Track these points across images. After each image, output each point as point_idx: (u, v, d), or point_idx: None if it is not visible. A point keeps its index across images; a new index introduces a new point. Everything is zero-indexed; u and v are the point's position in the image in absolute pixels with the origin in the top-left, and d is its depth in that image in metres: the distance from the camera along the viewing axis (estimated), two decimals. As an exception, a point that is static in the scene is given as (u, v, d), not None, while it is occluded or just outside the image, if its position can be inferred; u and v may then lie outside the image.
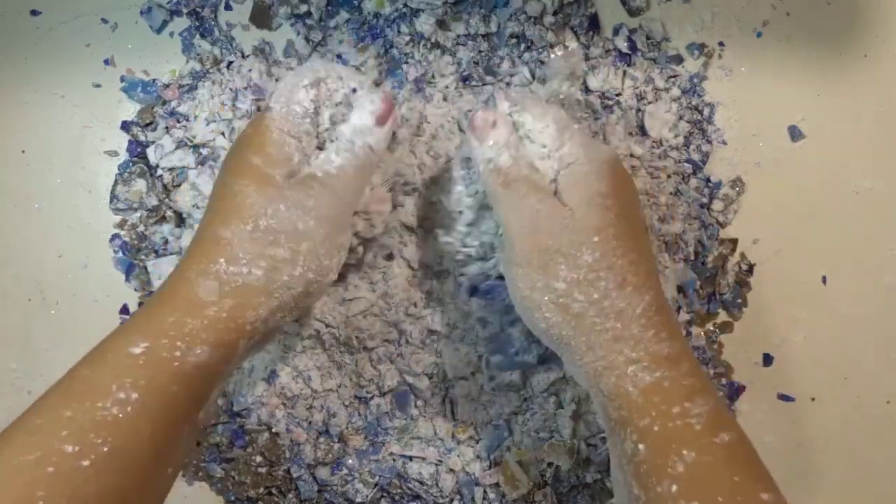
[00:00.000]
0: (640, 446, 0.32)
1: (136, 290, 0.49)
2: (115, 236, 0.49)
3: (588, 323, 0.34)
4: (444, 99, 0.48)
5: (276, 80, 0.49)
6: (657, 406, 0.32)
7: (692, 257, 0.49)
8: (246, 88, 0.49)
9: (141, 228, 0.49)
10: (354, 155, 0.38)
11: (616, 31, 0.50)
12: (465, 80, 0.49)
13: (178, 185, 0.49)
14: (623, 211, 0.36)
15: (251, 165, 0.36)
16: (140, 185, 0.49)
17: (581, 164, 0.37)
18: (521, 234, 0.36)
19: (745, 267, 0.50)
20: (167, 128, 0.49)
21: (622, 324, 0.34)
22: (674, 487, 0.31)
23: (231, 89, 0.49)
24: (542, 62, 0.49)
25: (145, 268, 0.48)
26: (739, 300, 0.49)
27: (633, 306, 0.34)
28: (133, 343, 0.32)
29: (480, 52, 0.49)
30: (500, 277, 0.43)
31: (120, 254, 0.49)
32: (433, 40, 0.49)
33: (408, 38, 0.49)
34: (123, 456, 0.30)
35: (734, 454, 0.32)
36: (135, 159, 0.50)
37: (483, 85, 0.49)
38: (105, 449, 0.30)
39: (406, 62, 0.49)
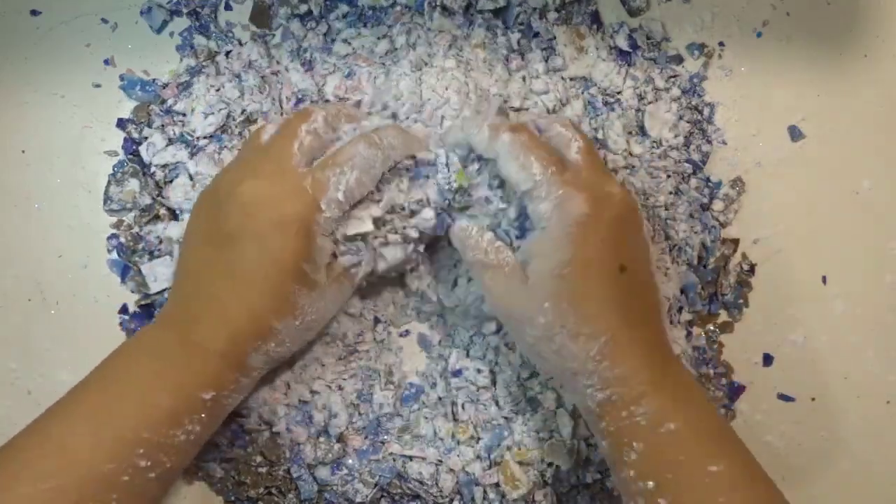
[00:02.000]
0: (604, 443, 0.40)
1: (132, 291, 0.49)
2: (112, 236, 0.49)
3: (552, 367, 0.40)
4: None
5: (278, 76, 0.49)
6: (609, 412, 0.39)
7: (695, 262, 0.49)
8: (247, 68, 0.49)
9: (136, 229, 0.49)
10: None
11: (616, 31, 0.50)
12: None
13: (171, 182, 0.49)
14: (584, 269, 0.38)
15: (302, 272, 0.39)
16: (133, 184, 0.49)
17: (548, 232, 0.39)
18: (491, 304, 0.42)
19: (746, 267, 0.50)
20: (162, 125, 0.49)
21: (577, 364, 0.39)
22: (631, 472, 0.38)
23: (232, 73, 0.49)
24: (554, 50, 0.49)
25: (140, 269, 0.48)
26: (740, 300, 0.49)
27: (586, 350, 0.38)
28: (203, 391, 0.39)
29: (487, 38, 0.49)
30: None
31: (115, 254, 0.49)
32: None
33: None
34: (174, 473, 0.39)
35: (678, 438, 0.37)
36: (130, 157, 0.50)
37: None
38: (168, 466, 0.38)
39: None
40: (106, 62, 0.51)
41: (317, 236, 0.39)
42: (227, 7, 0.51)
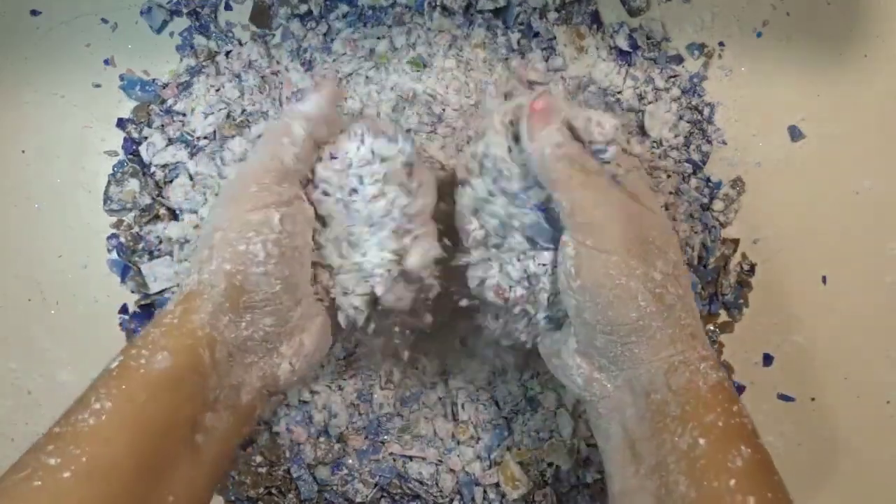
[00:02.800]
0: (702, 441, 0.33)
1: (132, 291, 0.49)
2: (112, 236, 0.49)
3: (675, 316, 0.35)
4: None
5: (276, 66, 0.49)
6: (721, 403, 0.34)
7: (695, 262, 0.49)
8: (247, 68, 0.49)
9: (136, 229, 0.49)
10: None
11: (616, 31, 0.50)
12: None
13: (171, 182, 0.49)
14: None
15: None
16: (133, 184, 0.49)
17: (640, 169, 0.38)
18: (612, 222, 0.35)
19: (746, 267, 0.50)
20: (162, 125, 0.49)
21: (696, 322, 0.35)
22: (732, 482, 0.31)
23: (232, 73, 0.49)
24: (553, 49, 0.49)
25: (140, 269, 0.48)
26: (741, 300, 0.49)
27: (696, 310, 0.35)
28: (115, 359, 0.34)
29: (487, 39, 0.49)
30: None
31: (115, 254, 0.49)
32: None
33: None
34: (101, 466, 0.31)
35: (773, 455, 0.34)
36: (130, 157, 0.50)
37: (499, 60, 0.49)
38: (84, 459, 0.30)
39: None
40: (106, 62, 0.50)
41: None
42: (227, 7, 0.51)
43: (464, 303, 0.42)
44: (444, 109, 0.47)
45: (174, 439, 0.33)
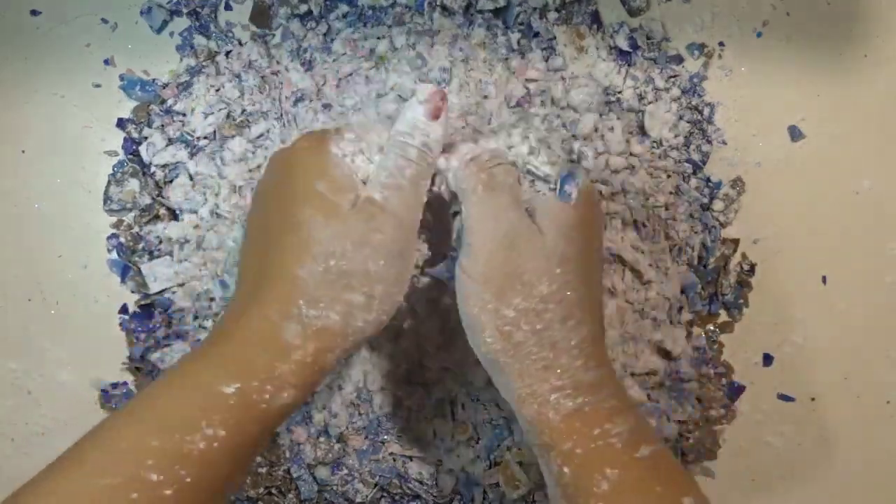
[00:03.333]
0: (566, 469, 0.33)
1: (132, 291, 0.49)
2: (112, 236, 0.49)
3: (525, 352, 0.35)
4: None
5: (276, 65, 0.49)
6: (578, 430, 0.33)
7: (695, 262, 0.49)
8: (247, 68, 0.49)
9: (136, 229, 0.49)
10: (409, 161, 0.36)
11: (616, 31, 0.50)
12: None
13: (170, 182, 0.49)
14: (586, 244, 0.36)
15: (316, 193, 0.34)
16: (133, 184, 0.49)
17: (551, 197, 0.37)
18: (489, 247, 0.35)
19: (746, 267, 0.50)
20: (162, 125, 0.49)
21: (554, 354, 0.34)
22: None
23: (232, 72, 0.49)
24: (554, 49, 0.49)
25: (140, 269, 0.48)
26: (741, 300, 0.49)
27: (568, 339, 0.34)
28: (224, 382, 0.32)
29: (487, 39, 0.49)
30: None
31: (115, 254, 0.49)
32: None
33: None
34: (203, 490, 0.31)
35: (655, 466, 0.34)
36: (130, 157, 0.50)
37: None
38: (188, 480, 0.30)
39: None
40: (106, 62, 0.50)
41: (331, 149, 0.36)
42: (227, 7, 0.51)
43: None
44: None
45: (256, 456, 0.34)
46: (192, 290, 0.48)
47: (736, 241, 0.50)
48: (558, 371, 0.34)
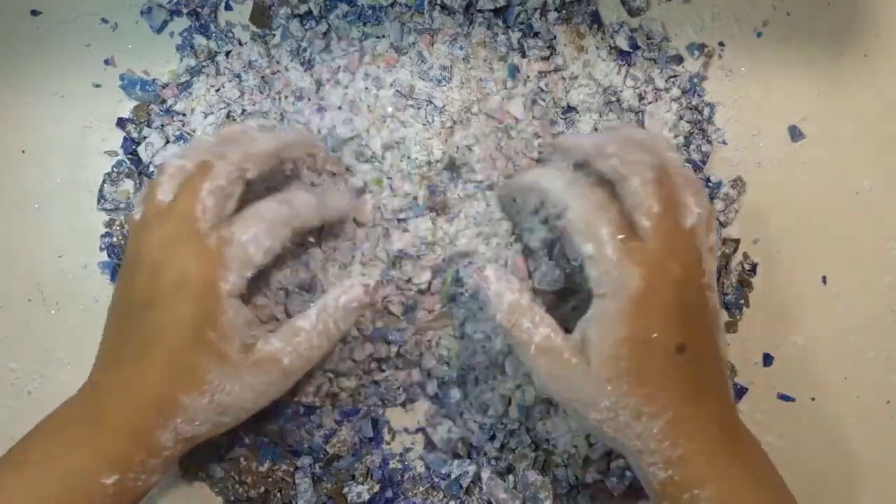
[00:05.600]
0: None
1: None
2: (105, 235, 0.49)
3: (618, 444, 0.38)
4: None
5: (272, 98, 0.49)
6: (671, 493, 0.37)
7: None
8: (247, 68, 0.49)
9: (127, 229, 0.49)
10: (330, 340, 0.39)
11: (616, 31, 0.50)
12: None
13: None
14: (641, 347, 0.37)
15: (206, 340, 0.36)
16: (128, 184, 0.49)
17: (607, 302, 0.37)
18: (546, 388, 0.39)
19: (748, 267, 0.50)
20: (162, 125, 0.49)
21: (641, 443, 0.37)
22: None
23: (232, 72, 0.49)
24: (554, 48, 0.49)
25: None
26: (741, 301, 0.49)
27: (649, 429, 0.37)
28: (104, 474, 0.36)
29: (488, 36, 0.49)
30: None
31: (105, 254, 0.49)
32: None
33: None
34: None
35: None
36: (129, 156, 0.50)
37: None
38: None
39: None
40: (106, 62, 0.50)
41: (224, 299, 0.36)
42: (227, 7, 0.51)
43: None
44: (443, 105, 0.47)
45: None
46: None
47: (736, 241, 0.50)
48: (647, 453, 0.37)
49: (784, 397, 0.49)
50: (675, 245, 0.37)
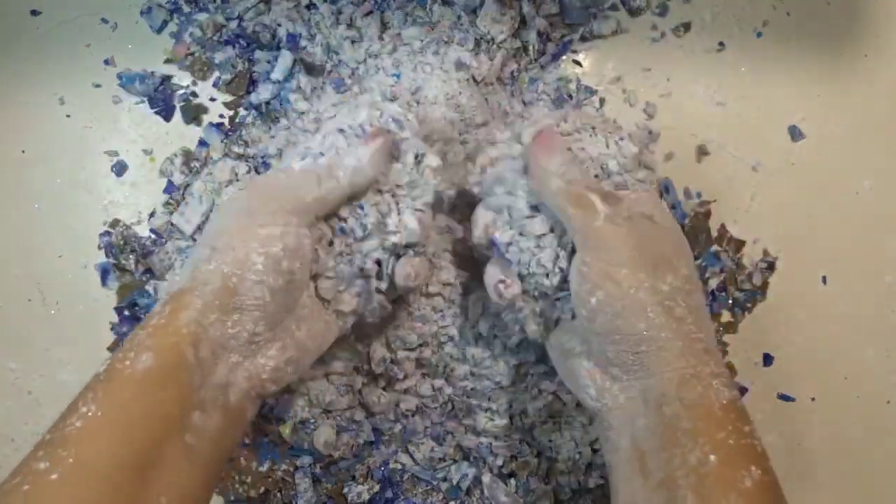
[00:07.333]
0: (712, 457, 0.32)
1: (116, 293, 0.49)
2: (104, 234, 0.49)
3: (686, 329, 0.35)
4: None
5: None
6: (734, 422, 0.33)
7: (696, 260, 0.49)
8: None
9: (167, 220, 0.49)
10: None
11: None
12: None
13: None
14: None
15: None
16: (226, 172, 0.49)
17: (647, 186, 0.37)
18: (623, 243, 0.36)
19: (764, 266, 0.50)
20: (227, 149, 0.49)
21: (708, 339, 0.35)
22: (740, 501, 0.31)
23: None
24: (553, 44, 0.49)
25: (123, 270, 0.48)
26: (748, 304, 0.49)
27: (710, 327, 0.36)
28: (102, 366, 0.34)
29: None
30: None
31: (102, 253, 0.49)
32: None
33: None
34: (87, 467, 0.31)
35: (773, 455, 0.34)
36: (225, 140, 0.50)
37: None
38: (70, 461, 0.31)
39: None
40: (106, 62, 0.50)
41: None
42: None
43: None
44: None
45: (161, 438, 0.33)
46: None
47: (741, 242, 0.50)
48: (716, 356, 0.35)
49: (784, 397, 0.49)
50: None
